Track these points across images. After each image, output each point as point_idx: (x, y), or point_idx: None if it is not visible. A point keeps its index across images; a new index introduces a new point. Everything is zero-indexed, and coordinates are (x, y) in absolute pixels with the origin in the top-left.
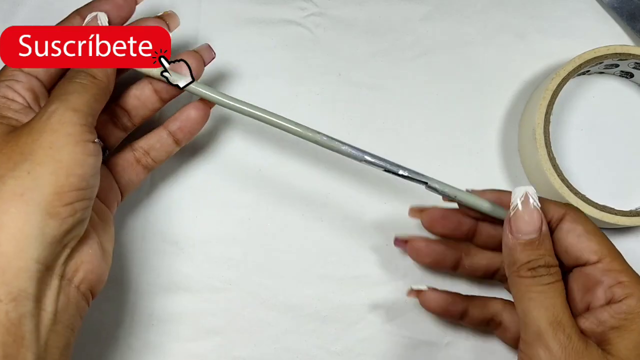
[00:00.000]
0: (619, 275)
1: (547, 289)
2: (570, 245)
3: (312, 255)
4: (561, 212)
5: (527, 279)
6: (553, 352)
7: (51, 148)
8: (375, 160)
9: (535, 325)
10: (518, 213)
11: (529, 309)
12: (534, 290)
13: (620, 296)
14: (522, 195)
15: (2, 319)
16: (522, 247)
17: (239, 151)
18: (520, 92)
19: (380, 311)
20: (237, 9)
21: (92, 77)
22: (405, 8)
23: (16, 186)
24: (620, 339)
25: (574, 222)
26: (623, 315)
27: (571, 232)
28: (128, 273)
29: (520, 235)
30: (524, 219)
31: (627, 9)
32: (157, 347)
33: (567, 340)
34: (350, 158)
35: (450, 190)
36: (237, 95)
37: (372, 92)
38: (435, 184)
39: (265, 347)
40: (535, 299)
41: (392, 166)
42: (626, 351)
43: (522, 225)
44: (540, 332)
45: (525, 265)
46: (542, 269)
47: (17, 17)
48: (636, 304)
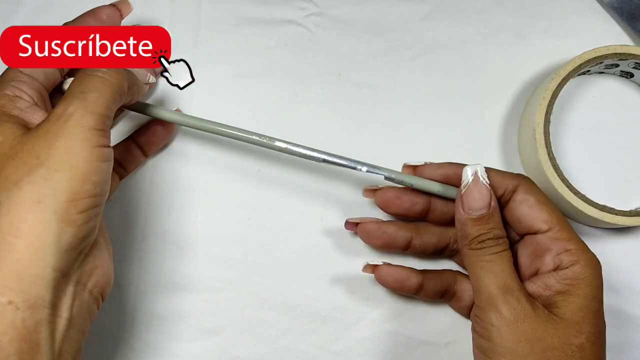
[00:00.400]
0: (567, 244)
1: (496, 257)
2: (522, 215)
3: (312, 255)
4: (514, 183)
5: (477, 251)
6: (503, 315)
7: (67, 154)
8: (332, 159)
9: (487, 291)
10: (469, 190)
11: (480, 277)
12: (483, 260)
13: (567, 263)
14: (473, 174)
15: (18, 326)
16: (472, 222)
17: (238, 151)
18: (520, 92)
19: (380, 311)
20: (237, 9)
21: (110, 75)
22: (405, 8)
23: (33, 192)
24: (566, 303)
25: (526, 193)
26: (569, 281)
27: (524, 203)
28: (128, 273)
29: (471, 211)
30: (474, 196)
31: (627, 9)
32: (158, 347)
33: (516, 303)
34: (308, 159)
35: (406, 179)
36: (237, 95)
37: (372, 92)
38: (392, 174)
39: (265, 347)
40: (485, 267)
41: (351, 163)
42: (571, 313)
43: (473, 202)
44: (491, 297)
45: (476, 239)
46: (491, 241)
47: (17, 17)
48: (581, 270)
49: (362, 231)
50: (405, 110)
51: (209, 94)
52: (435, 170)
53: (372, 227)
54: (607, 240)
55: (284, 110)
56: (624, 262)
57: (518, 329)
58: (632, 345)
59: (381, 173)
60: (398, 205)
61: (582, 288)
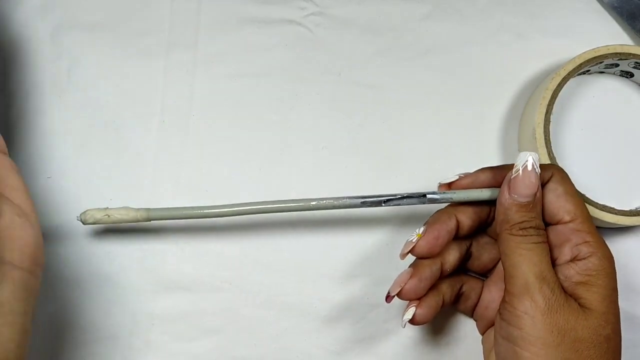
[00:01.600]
0: (586, 236)
1: (536, 247)
2: (548, 203)
3: (312, 255)
4: (549, 173)
5: (519, 237)
6: (538, 304)
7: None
8: (371, 200)
9: (523, 278)
10: (519, 176)
11: (518, 264)
12: (524, 247)
13: (585, 254)
14: (526, 160)
15: None
16: (517, 207)
17: (238, 151)
18: (520, 92)
19: (380, 311)
20: (237, 9)
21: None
22: (405, 7)
23: None
24: (590, 293)
25: (557, 183)
26: (588, 272)
27: (552, 192)
28: (128, 273)
29: (517, 197)
30: (524, 183)
31: (627, 8)
32: (157, 347)
33: (551, 293)
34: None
35: (450, 196)
36: (237, 95)
37: (372, 92)
38: (435, 195)
39: (265, 347)
40: (525, 255)
41: (390, 195)
42: (597, 304)
43: (521, 188)
44: (527, 285)
45: (518, 225)
46: (532, 230)
47: (18, 16)
48: (599, 262)
49: (407, 296)
50: (406, 109)
51: (209, 94)
52: (472, 182)
53: (413, 284)
54: (607, 240)
55: (284, 110)
56: (625, 262)
57: (551, 318)
58: (632, 344)
59: (437, 197)
60: (441, 245)
61: (602, 279)
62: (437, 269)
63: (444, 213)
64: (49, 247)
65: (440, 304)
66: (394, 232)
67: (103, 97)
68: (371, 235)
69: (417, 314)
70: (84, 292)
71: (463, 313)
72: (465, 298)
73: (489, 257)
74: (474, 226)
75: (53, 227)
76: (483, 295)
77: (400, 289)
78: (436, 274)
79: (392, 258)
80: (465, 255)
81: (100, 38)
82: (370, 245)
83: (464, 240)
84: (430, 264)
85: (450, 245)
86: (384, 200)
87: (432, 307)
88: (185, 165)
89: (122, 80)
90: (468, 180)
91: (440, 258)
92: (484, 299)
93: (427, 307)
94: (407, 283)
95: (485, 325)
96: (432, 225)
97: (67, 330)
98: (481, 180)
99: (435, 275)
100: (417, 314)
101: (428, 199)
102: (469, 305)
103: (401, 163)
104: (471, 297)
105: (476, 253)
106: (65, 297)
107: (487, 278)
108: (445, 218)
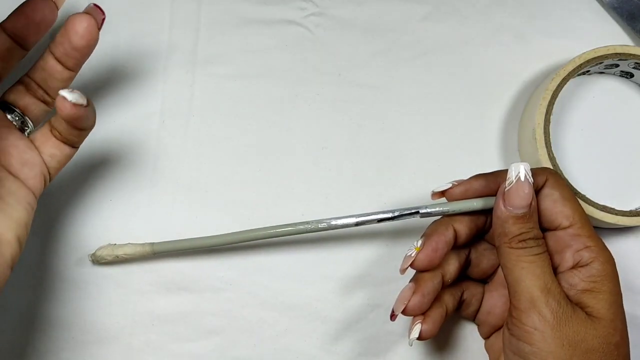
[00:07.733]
0: (587, 240)
1: (537, 259)
2: (545, 209)
3: (312, 255)
4: (543, 179)
5: (519, 250)
6: (547, 318)
7: None
8: (366, 219)
9: (528, 293)
10: (513, 188)
11: (521, 278)
12: (524, 260)
13: (588, 260)
14: (518, 172)
15: None
16: (514, 220)
17: (238, 151)
18: (520, 92)
19: (380, 311)
20: (237, 9)
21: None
22: (405, 8)
23: None
24: (596, 300)
25: (552, 188)
26: (592, 279)
27: (548, 197)
28: (128, 273)
29: (512, 209)
30: (518, 194)
31: (627, 9)
32: (158, 347)
33: (558, 306)
34: None
35: (442, 209)
36: (237, 95)
37: (372, 92)
38: (427, 209)
39: (265, 347)
40: (527, 268)
41: (384, 214)
42: (604, 311)
43: (516, 200)
44: (533, 300)
45: (517, 237)
46: (532, 241)
47: None
48: (602, 267)
49: (412, 312)
50: (405, 110)
51: (209, 94)
52: (466, 190)
53: (417, 301)
54: (607, 240)
55: (284, 110)
56: (625, 262)
57: (561, 332)
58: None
59: (414, 212)
60: (440, 256)
61: (607, 284)
62: (438, 282)
63: (441, 224)
64: (49, 247)
65: (444, 316)
66: (393, 233)
67: (103, 97)
68: (370, 237)
69: (424, 330)
70: (84, 292)
71: (465, 318)
72: (466, 305)
73: (488, 264)
74: (472, 234)
75: (53, 227)
76: (484, 301)
77: (404, 307)
78: (438, 287)
79: (391, 258)
80: (464, 264)
81: (100, 38)
82: (370, 246)
83: (462, 249)
84: (431, 277)
85: (449, 256)
86: (379, 220)
87: (437, 320)
88: (185, 166)
89: (122, 81)
90: (461, 187)
91: (440, 270)
92: (486, 305)
93: (432, 322)
94: (410, 300)
95: (488, 330)
96: (430, 238)
97: (67, 330)
98: (475, 188)
99: (437, 288)
100: (424, 330)
101: (421, 214)
102: (470, 312)
103: (401, 163)
104: (472, 303)
105: (475, 260)
106: (65, 297)
107: (487, 283)
108: (442, 229)
